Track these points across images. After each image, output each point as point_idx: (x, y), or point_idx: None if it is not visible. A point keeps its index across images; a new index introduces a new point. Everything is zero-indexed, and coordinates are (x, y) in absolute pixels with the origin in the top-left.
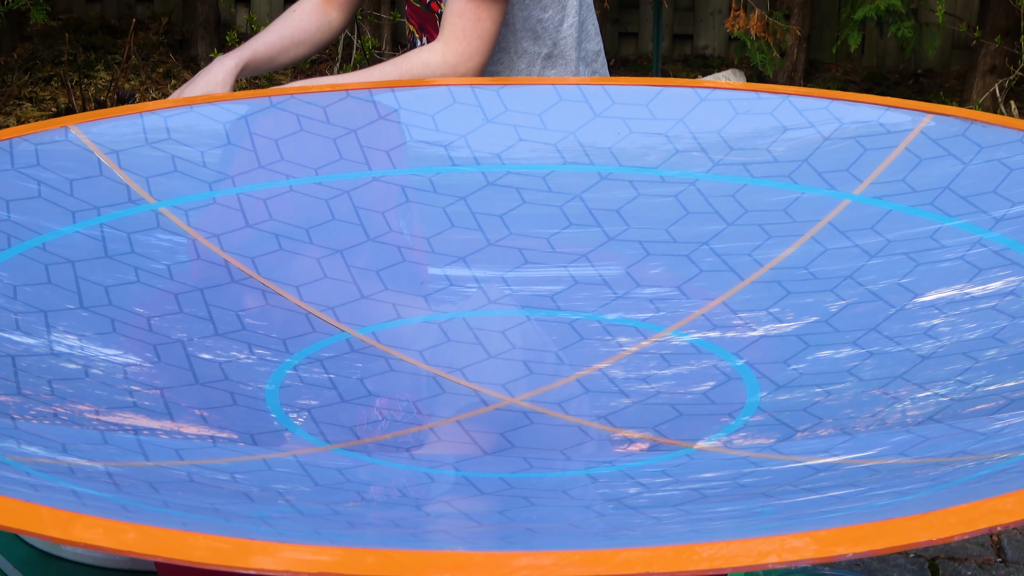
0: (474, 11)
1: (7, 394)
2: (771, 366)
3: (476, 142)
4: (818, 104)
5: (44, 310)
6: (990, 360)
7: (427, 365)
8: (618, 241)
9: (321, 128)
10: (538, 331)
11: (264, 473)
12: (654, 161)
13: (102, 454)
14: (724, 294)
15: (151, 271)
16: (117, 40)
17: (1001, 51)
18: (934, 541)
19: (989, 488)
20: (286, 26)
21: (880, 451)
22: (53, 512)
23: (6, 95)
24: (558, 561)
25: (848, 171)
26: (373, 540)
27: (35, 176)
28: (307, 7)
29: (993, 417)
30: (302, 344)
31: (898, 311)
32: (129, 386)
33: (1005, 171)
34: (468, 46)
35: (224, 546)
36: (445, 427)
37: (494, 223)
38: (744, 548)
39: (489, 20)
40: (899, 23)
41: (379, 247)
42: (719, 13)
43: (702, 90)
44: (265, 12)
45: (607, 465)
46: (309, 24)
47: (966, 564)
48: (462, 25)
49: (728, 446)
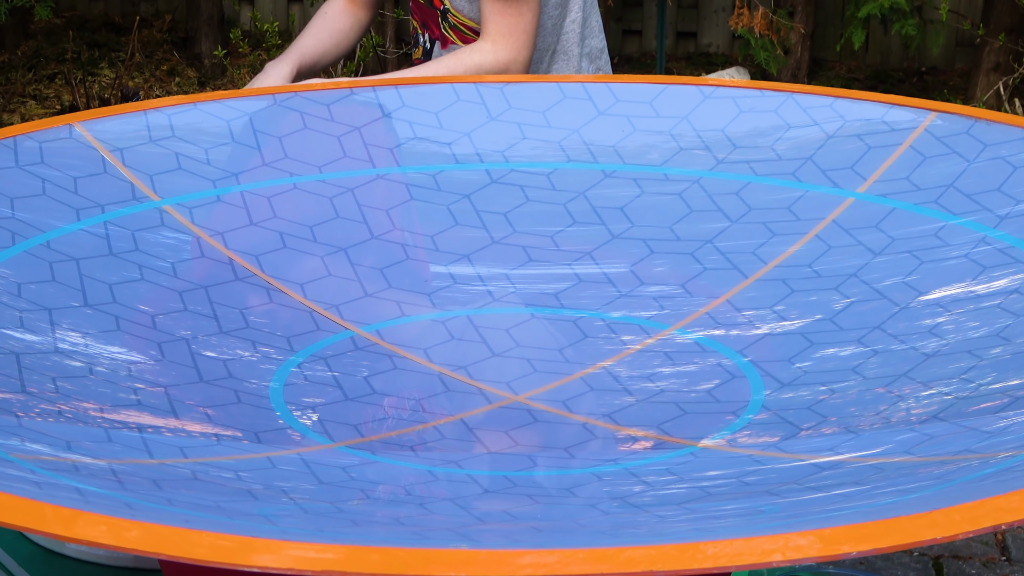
0: (515, 8)
1: (11, 391)
2: (775, 364)
3: (480, 140)
4: (822, 102)
5: (48, 308)
6: (995, 358)
7: (431, 363)
8: (622, 239)
9: (325, 126)
10: (542, 329)
11: (268, 471)
12: (658, 159)
13: (106, 452)
14: (728, 292)
15: (155, 269)
16: (121, 37)
17: (1005, 49)
18: (938, 539)
19: (994, 486)
20: (323, 28)
21: (884, 449)
22: (57, 509)
23: (10, 92)
24: (562, 559)
25: (852, 169)
26: (377, 538)
27: (39, 174)
28: (335, 9)
29: (998, 415)
30: (306, 342)
31: (902, 309)
32: (133, 384)
33: (1009, 169)
34: (517, 41)
35: (228, 544)
36: (450, 425)
37: (498, 221)
38: (748, 546)
39: (530, 13)
40: (903, 21)
41: (383, 245)
42: (723, 11)
43: (706, 88)
44: (269, 10)
45: (611, 463)
46: (343, 24)
47: (970, 563)
48: (507, 23)
49: (732, 444)
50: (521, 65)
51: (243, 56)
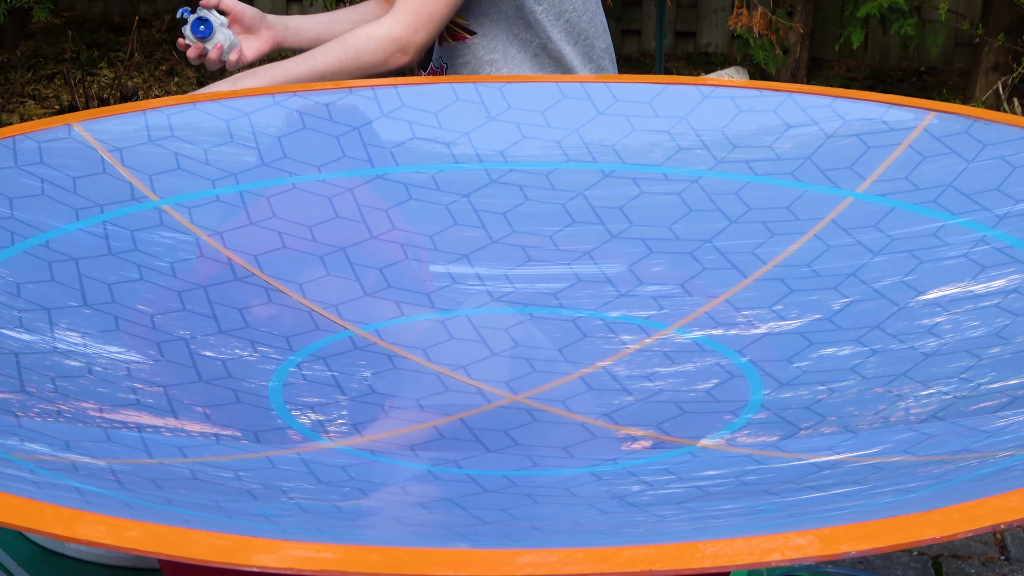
0: None
1: (11, 391)
2: (774, 364)
3: (479, 139)
4: (821, 102)
5: (47, 307)
6: (993, 358)
7: (431, 363)
8: (621, 239)
9: (324, 125)
10: (541, 329)
11: (267, 470)
12: (657, 158)
13: (105, 451)
14: (727, 292)
15: (154, 268)
16: (120, 37)
17: (1004, 48)
18: (937, 539)
19: (993, 486)
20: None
21: (883, 449)
22: (56, 509)
23: (9, 92)
24: (561, 559)
25: (851, 168)
26: (376, 537)
27: (38, 174)
28: (361, 7)
29: (996, 415)
30: (305, 342)
31: (901, 309)
32: (132, 383)
33: (1008, 168)
34: (416, 20)
35: (227, 543)
36: (449, 425)
37: (497, 221)
38: (748, 546)
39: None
40: (902, 20)
41: (382, 245)
42: (722, 10)
43: (705, 87)
44: (268, 10)
45: (611, 463)
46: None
47: (969, 562)
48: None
49: (731, 444)
50: (414, 46)
51: None
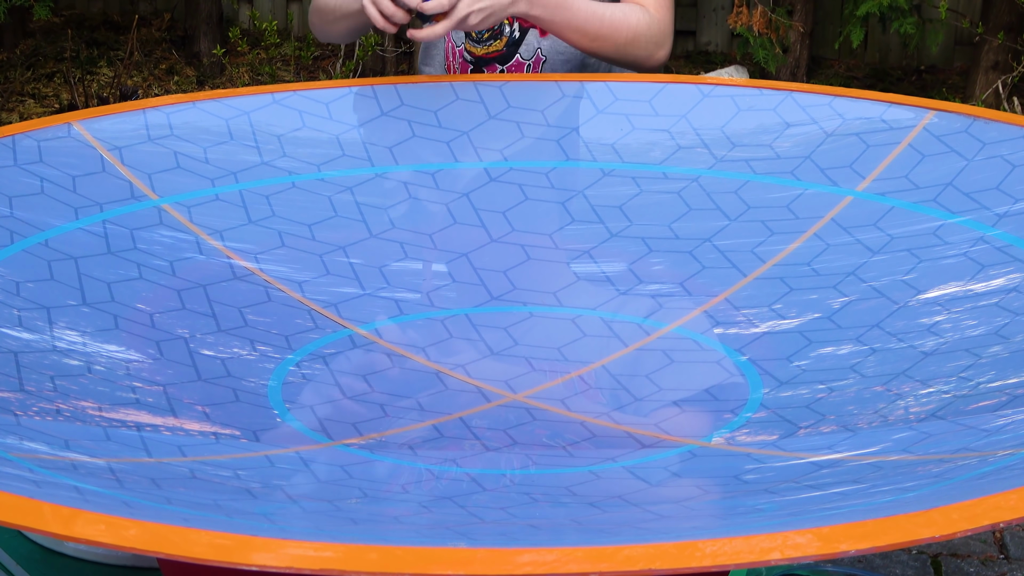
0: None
1: (10, 390)
2: (774, 362)
3: (479, 138)
4: (821, 100)
5: (47, 306)
6: (993, 357)
7: (430, 362)
8: (621, 237)
9: (323, 124)
10: (541, 327)
11: (266, 469)
12: (657, 157)
13: (104, 450)
14: (727, 290)
15: (153, 267)
16: (120, 36)
17: (1004, 47)
18: (937, 538)
19: (992, 485)
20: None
21: (883, 447)
22: (55, 508)
23: (9, 91)
24: (561, 557)
25: (851, 167)
26: (375, 536)
27: (38, 172)
28: None
29: (996, 414)
30: (304, 340)
31: (901, 307)
32: (131, 382)
33: (1008, 167)
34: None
35: (226, 542)
36: (448, 423)
37: (497, 219)
38: (747, 544)
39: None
40: (902, 19)
41: (381, 243)
42: (722, 9)
43: (705, 86)
44: (267, 9)
45: (609, 461)
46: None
47: (968, 560)
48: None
49: (731, 442)
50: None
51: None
